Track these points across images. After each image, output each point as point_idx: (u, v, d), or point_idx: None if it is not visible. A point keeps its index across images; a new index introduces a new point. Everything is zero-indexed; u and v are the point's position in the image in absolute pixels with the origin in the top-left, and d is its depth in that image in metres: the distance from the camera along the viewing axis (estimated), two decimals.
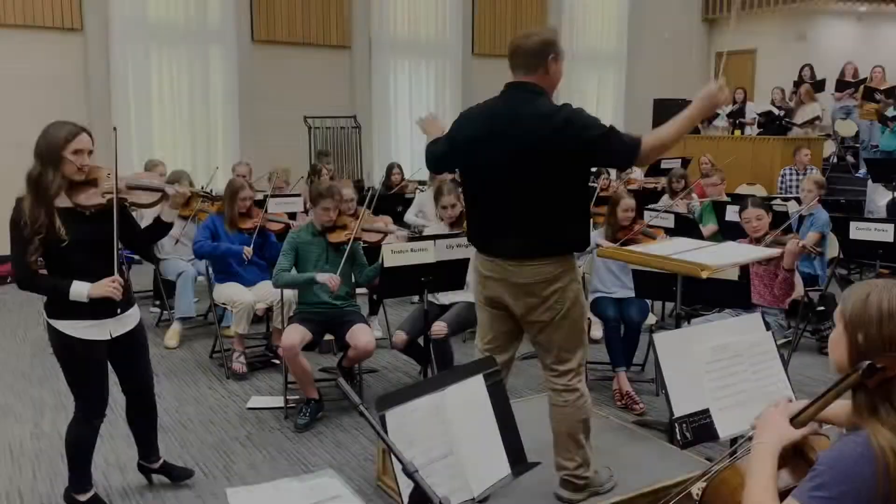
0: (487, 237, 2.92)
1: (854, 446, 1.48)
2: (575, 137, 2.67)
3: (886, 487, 1.43)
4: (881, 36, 13.30)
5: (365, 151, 10.46)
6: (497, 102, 2.88)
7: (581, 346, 2.95)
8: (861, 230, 4.89)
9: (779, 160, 9.66)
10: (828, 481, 1.46)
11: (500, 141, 2.78)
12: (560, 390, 2.94)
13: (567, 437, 2.95)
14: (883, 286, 1.57)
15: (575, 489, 2.99)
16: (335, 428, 4.11)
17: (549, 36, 2.82)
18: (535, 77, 2.80)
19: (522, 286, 2.83)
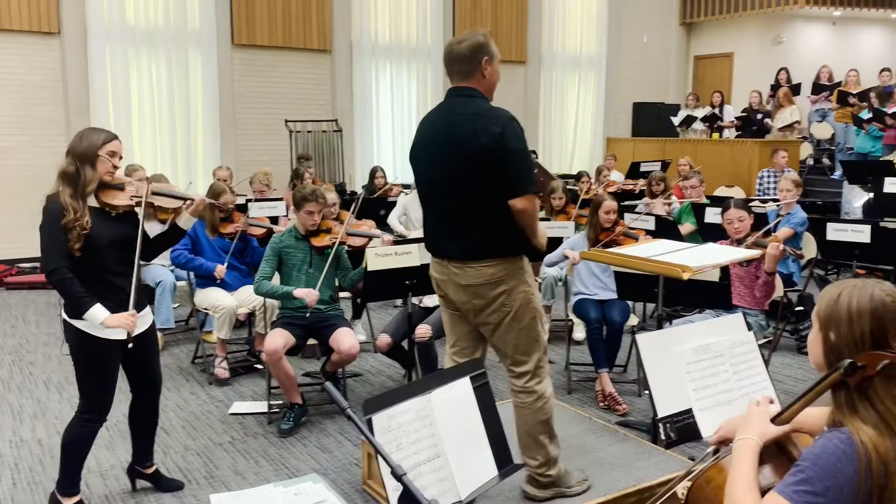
0: (435, 240, 2.98)
1: (837, 443, 1.50)
2: (499, 143, 2.71)
3: (868, 484, 1.46)
4: (855, 40, 13.52)
5: (347, 155, 10.45)
6: (439, 108, 2.95)
7: (535, 349, 2.95)
8: (838, 231, 4.97)
9: (757, 162, 9.78)
10: (812, 477, 1.48)
11: (438, 146, 2.87)
12: (518, 391, 2.98)
13: (527, 436, 2.99)
14: (853, 286, 1.61)
15: (539, 486, 3.03)
16: (319, 433, 4.10)
17: (480, 40, 2.84)
18: (471, 81, 2.85)
19: (467, 288, 2.87)
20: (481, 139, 2.73)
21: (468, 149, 2.76)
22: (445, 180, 2.86)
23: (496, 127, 2.73)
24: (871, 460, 1.46)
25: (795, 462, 1.55)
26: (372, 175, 8.24)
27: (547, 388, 3.00)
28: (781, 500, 1.49)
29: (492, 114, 2.78)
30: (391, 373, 5.06)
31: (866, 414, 1.52)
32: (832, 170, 10.59)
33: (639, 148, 11.89)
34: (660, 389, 2.41)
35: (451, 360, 3.10)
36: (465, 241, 2.84)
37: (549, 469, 3.01)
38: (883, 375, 1.53)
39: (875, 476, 1.46)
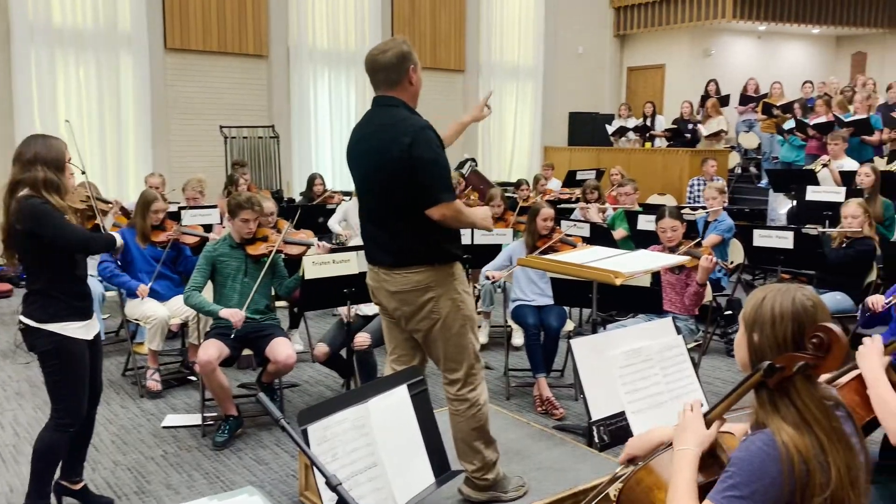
0: (367, 246, 3.02)
1: (761, 444, 1.55)
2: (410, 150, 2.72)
3: (792, 482, 1.52)
4: (779, 53, 14.11)
5: (284, 162, 10.32)
6: (364, 117, 2.98)
7: (466, 357, 2.95)
8: (763, 237, 5.15)
9: (687, 171, 10.08)
10: (739, 482, 1.53)
11: (361, 156, 2.92)
12: (451, 399, 3.00)
13: (462, 442, 3.02)
14: (777, 290, 1.68)
15: (476, 489, 3.06)
16: (255, 444, 4.03)
17: (404, 48, 2.84)
18: (396, 91, 2.86)
19: (396, 294, 2.90)
20: (392, 150, 2.75)
21: (382, 160, 2.79)
22: (370, 189, 2.92)
23: (405, 137, 2.73)
24: (794, 459, 1.51)
25: (725, 465, 1.60)
26: (310, 182, 8.15)
27: (480, 395, 3.01)
28: None
29: (403, 124, 2.78)
30: (329, 383, 5.01)
31: (787, 413, 1.58)
32: (759, 178, 10.99)
33: (575, 157, 12.11)
34: (594, 393, 2.46)
35: (391, 367, 3.10)
36: (393, 248, 2.87)
37: (487, 473, 3.03)
38: (802, 376, 1.59)
39: (797, 474, 1.51)
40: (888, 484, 2.30)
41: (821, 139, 8.23)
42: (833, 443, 1.55)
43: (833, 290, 4.94)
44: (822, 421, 1.57)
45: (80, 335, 3.02)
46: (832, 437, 1.56)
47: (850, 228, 5.02)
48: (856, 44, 14.27)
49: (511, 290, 5.04)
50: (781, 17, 12.40)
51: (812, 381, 1.61)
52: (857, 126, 8.17)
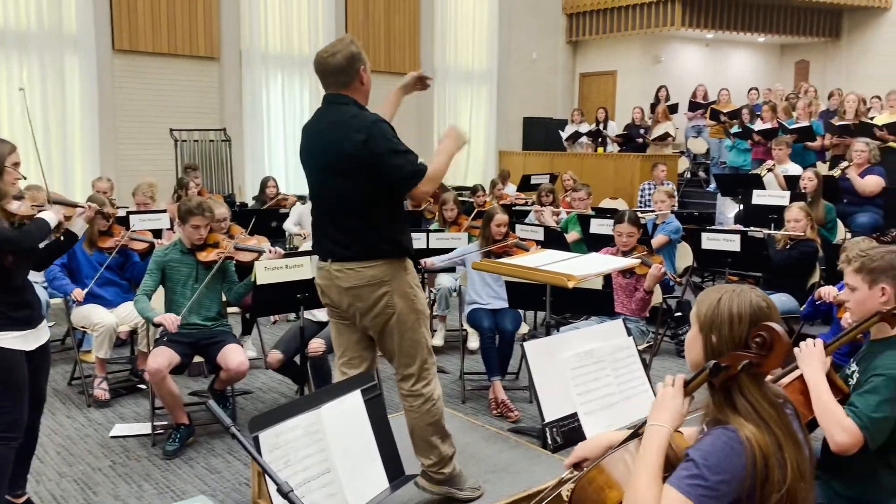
0: (318, 243, 3.02)
1: (726, 439, 1.58)
2: (364, 144, 2.75)
3: (752, 479, 1.55)
4: (726, 61, 14.47)
5: (236, 165, 10.18)
6: (314, 115, 3.00)
7: (420, 352, 2.98)
8: (711, 240, 5.27)
9: (638, 175, 10.26)
10: (704, 472, 1.55)
11: (313, 154, 2.94)
12: (405, 395, 3.02)
13: (418, 437, 3.03)
14: (732, 290, 1.71)
15: (432, 482, 3.08)
16: (207, 453, 3.96)
17: (353, 49, 2.86)
18: (349, 91, 2.89)
19: (349, 290, 2.89)
20: (345, 147, 2.78)
21: (336, 156, 2.81)
22: (323, 186, 2.92)
23: (359, 134, 2.76)
24: (756, 455, 1.55)
25: (673, 465, 1.63)
26: (263, 186, 8.05)
27: (434, 390, 3.04)
28: (677, 494, 1.55)
29: (355, 121, 2.80)
30: (283, 389, 4.95)
31: (745, 411, 1.61)
32: (707, 182, 11.24)
33: (529, 161, 12.22)
34: (546, 395, 2.49)
35: (340, 371, 3.08)
36: (346, 243, 2.87)
37: (443, 467, 3.06)
38: (747, 374, 1.63)
39: (758, 469, 1.55)
40: (829, 481, 2.37)
41: (766, 145, 8.47)
42: (787, 439, 1.60)
43: (778, 291, 5.08)
44: (775, 418, 1.61)
45: (17, 346, 2.91)
46: (786, 434, 1.60)
47: (794, 231, 5.17)
48: (799, 52, 14.72)
49: (466, 294, 5.06)
50: (728, 25, 12.72)
51: (759, 379, 1.65)
52: (800, 132, 8.43)
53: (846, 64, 13.80)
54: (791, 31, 13.31)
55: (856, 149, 6.86)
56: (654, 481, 1.60)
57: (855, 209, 6.79)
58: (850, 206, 6.82)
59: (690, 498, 1.53)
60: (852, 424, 2.17)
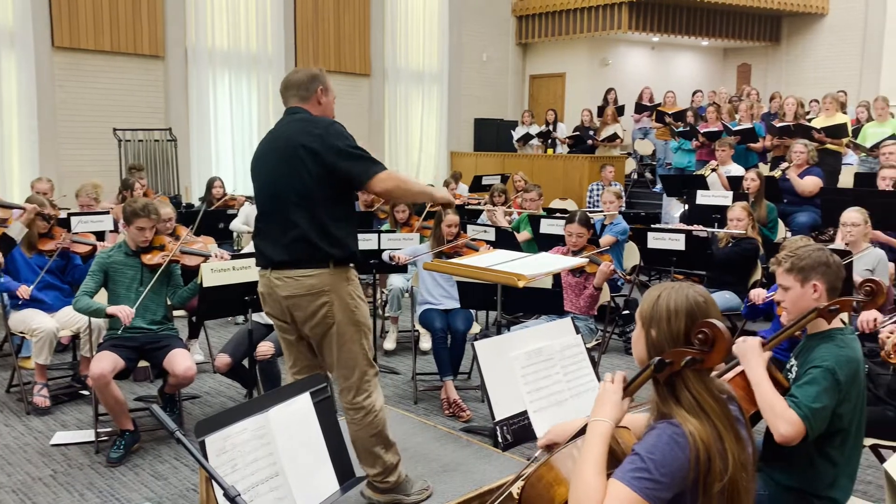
0: (259, 247, 2.98)
1: (671, 433, 1.62)
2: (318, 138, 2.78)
3: (696, 471, 1.59)
4: (672, 64, 14.78)
5: (182, 165, 9.98)
6: (275, 126, 3.03)
7: (359, 364, 2.94)
8: (657, 240, 5.37)
9: (587, 176, 10.40)
10: (649, 465, 1.58)
11: (265, 158, 2.95)
12: (346, 408, 3.00)
13: (361, 449, 3.02)
14: (671, 288, 1.76)
15: (378, 491, 3.07)
16: (153, 459, 3.87)
17: (316, 72, 3.00)
18: (307, 104, 2.97)
19: (287, 299, 2.87)
20: (300, 149, 2.79)
21: (291, 157, 2.81)
22: (272, 190, 2.89)
23: (316, 129, 2.81)
24: (699, 448, 1.59)
25: (619, 460, 1.66)
26: (209, 186, 7.91)
27: (375, 401, 3.00)
28: (623, 487, 1.58)
29: (310, 123, 2.86)
30: (232, 393, 4.88)
31: (688, 405, 1.66)
32: (653, 183, 11.47)
33: (480, 162, 12.29)
34: (497, 394, 2.50)
35: (294, 378, 3.05)
36: (287, 244, 2.84)
37: (388, 476, 3.04)
38: (691, 370, 1.67)
39: (702, 462, 1.59)
40: (771, 472, 2.43)
41: (710, 146, 8.68)
42: (728, 431, 1.64)
43: (722, 289, 5.21)
44: (717, 410, 1.65)
45: None
46: (727, 427, 1.65)
47: (736, 230, 5.32)
48: (741, 56, 15.13)
49: (418, 294, 5.06)
50: (673, 29, 13.01)
51: (702, 374, 1.69)
52: (743, 134, 8.66)
53: (786, 67, 14.25)
54: (733, 36, 13.68)
55: (795, 150, 7.07)
56: (597, 474, 1.63)
57: (795, 209, 7.01)
58: (790, 205, 7.04)
59: (635, 490, 1.56)
60: (794, 415, 2.24)
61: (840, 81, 12.55)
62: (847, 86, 12.33)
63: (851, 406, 2.33)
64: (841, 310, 2.42)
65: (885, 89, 12.59)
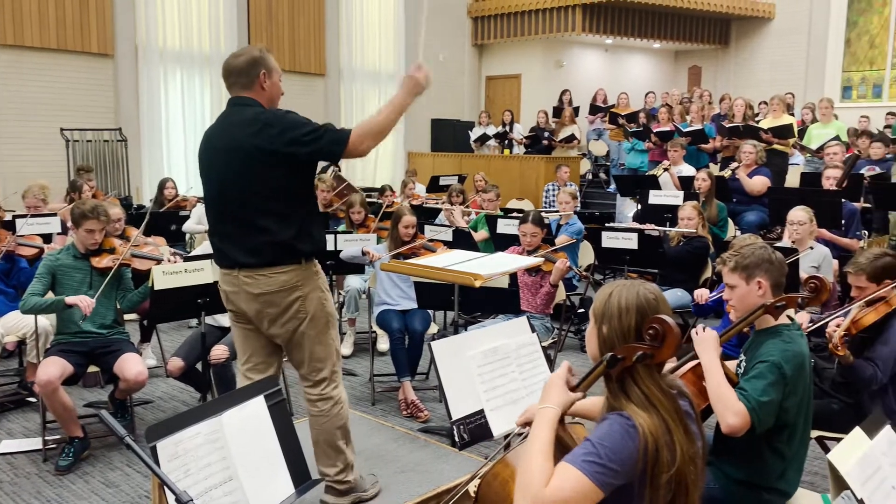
0: (221, 249, 2.91)
1: (622, 423, 1.66)
2: (276, 137, 2.72)
3: (644, 462, 1.63)
4: (625, 66, 15.01)
5: (133, 166, 9.78)
6: (218, 118, 2.95)
7: (330, 354, 2.99)
8: (611, 239, 5.45)
9: (543, 177, 10.50)
10: (600, 451, 1.62)
11: (218, 155, 2.85)
12: (315, 400, 2.99)
13: (325, 444, 3.01)
14: (623, 285, 1.80)
15: (338, 494, 3.06)
16: (104, 467, 3.78)
17: (256, 54, 2.87)
18: (251, 93, 2.87)
19: (260, 297, 2.84)
20: (260, 143, 2.73)
21: (248, 155, 2.75)
22: (231, 189, 2.82)
23: (273, 129, 2.73)
24: (647, 439, 1.63)
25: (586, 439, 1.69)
26: (161, 187, 7.77)
27: (342, 392, 3.05)
28: (572, 469, 1.61)
29: (264, 116, 2.78)
30: (185, 398, 4.79)
31: (638, 399, 1.69)
32: (608, 184, 11.63)
33: (438, 162, 12.30)
34: (453, 393, 2.51)
35: (245, 377, 3.02)
36: (256, 248, 2.80)
37: (348, 475, 3.05)
38: (642, 365, 1.71)
39: (650, 453, 1.63)
40: (721, 465, 2.49)
41: (662, 146, 8.83)
42: (676, 425, 1.68)
43: (674, 286, 5.31)
44: (665, 404, 1.69)
45: None
46: (675, 420, 1.69)
47: (687, 229, 5.42)
48: (692, 58, 15.44)
49: (375, 295, 5.04)
50: (626, 31, 13.21)
51: (653, 369, 1.73)
52: (694, 135, 8.84)
53: (735, 70, 14.59)
54: (684, 38, 13.96)
55: (744, 150, 7.24)
56: (544, 457, 1.66)
57: (744, 208, 7.18)
58: (739, 205, 7.20)
59: (586, 473, 1.60)
60: (742, 407, 2.30)
61: (786, 83, 12.92)
62: (793, 88, 12.69)
63: (798, 400, 2.40)
64: (787, 306, 2.49)
65: (828, 91, 13.02)
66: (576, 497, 1.59)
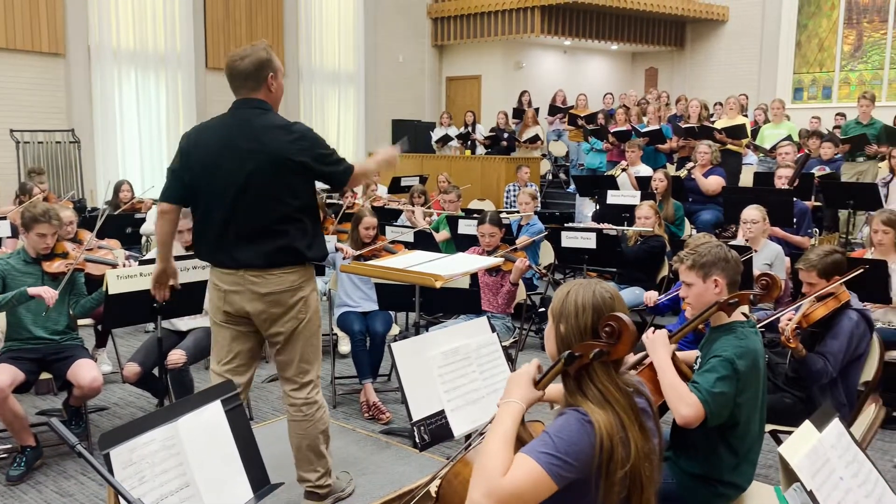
0: (227, 249, 2.88)
1: (579, 417, 1.68)
2: (308, 150, 2.82)
3: (600, 458, 1.65)
4: (583, 67, 15.18)
5: (87, 168, 9.57)
6: (228, 118, 2.90)
7: (317, 357, 3.05)
8: (570, 239, 5.51)
9: (504, 177, 10.55)
10: (556, 443, 1.64)
11: (237, 154, 2.81)
12: (300, 404, 3.00)
13: (308, 449, 3.01)
14: (580, 284, 1.82)
15: (318, 499, 3.06)
16: (57, 475, 3.69)
17: (263, 56, 2.86)
18: (259, 94, 2.88)
19: (267, 296, 2.86)
20: (294, 152, 2.79)
21: (279, 161, 2.78)
22: (253, 190, 2.80)
23: (305, 141, 2.82)
24: (603, 436, 1.65)
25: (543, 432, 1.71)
26: (116, 189, 7.61)
27: (322, 396, 3.10)
28: (529, 460, 1.63)
29: (297, 127, 2.85)
30: (143, 404, 4.70)
31: (593, 396, 1.72)
32: (567, 184, 11.74)
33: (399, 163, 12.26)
34: (414, 394, 2.51)
35: (223, 377, 2.98)
36: (268, 249, 2.83)
37: (328, 478, 3.07)
38: (599, 362, 1.73)
39: (605, 449, 1.65)
40: (677, 460, 2.54)
41: (620, 147, 8.95)
42: (632, 422, 1.71)
43: (632, 285, 5.38)
44: (620, 401, 1.72)
45: None
46: (631, 417, 1.71)
47: (644, 228, 5.50)
48: (648, 60, 15.68)
49: (336, 297, 5.01)
50: (584, 33, 13.36)
51: (609, 367, 1.75)
52: (651, 136, 8.97)
53: (690, 71, 14.86)
54: (640, 40, 14.17)
55: (699, 151, 7.38)
56: (504, 447, 1.67)
57: (699, 207, 7.31)
58: (694, 204, 7.34)
59: (541, 465, 1.62)
60: (695, 399, 2.35)
61: (740, 85, 13.21)
62: (746, 89, 12.98)
63: (751, 396, 2.45)
64: (740, 303, 2.54)
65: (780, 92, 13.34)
66: (530, 488, 1.61)
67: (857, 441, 1.99)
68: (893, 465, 3.81)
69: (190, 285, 3.77)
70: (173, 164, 2.95)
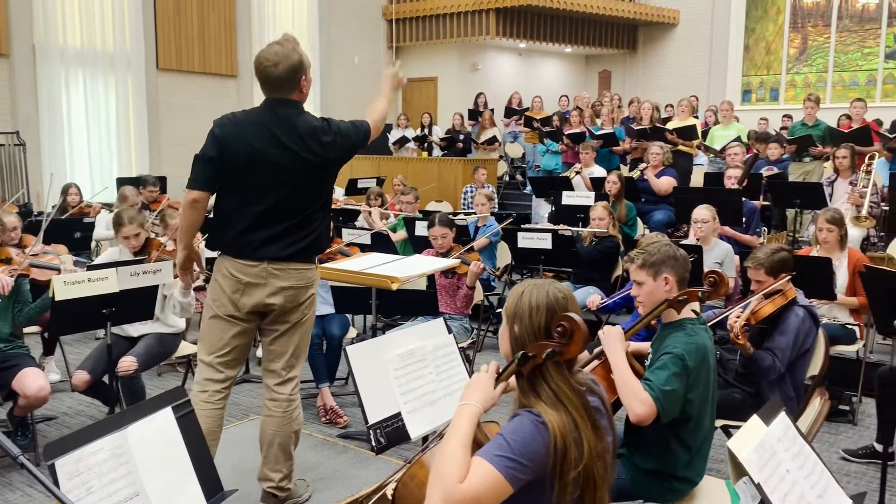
0: (256, 242, 2.90)
1: (532, 419, 1.69)
2: (341, 145, 2.99)
3: (553, 458, 1.67)
4: (538, 69, 15.32)
5: (32, 171, 9.29)
6: (266, 115, 2.91)
7: (305, 354, 3.13)
8: (527, 239, 5.54)
9: (461, 179, 10.58)
10: (511, 445, 1.65)
11: (280, 152, 2.86)
12: (282, 400, 3.02)
13: (279, 448, 3.02)
14: (534, 284, 1.84)
15: (277, 501, 3.04)
16: (3, 488, 3.58)
17: (296, 60, 2.88)
18: (293, 96, 2.95)
19: (286, 290, 2.93)
20: (335, 151, 2.95)
21: (316, 163, 2.90)
22: (285, 187, 2.88)
23: (340, 137, 2.98)
24: (556, 436, 1.67)
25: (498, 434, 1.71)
26: (64, 192, 7.41)
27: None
28: (485, 463, 1.64)
29: (329, 127, 2.98)
30: (93, 412, 4.59)
31: (545, 396, 1.73)
32: (524, 185, 11.83)
33: (356, 165, 12.17)
34: (370, 397, 2.50)
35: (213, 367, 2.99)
36: (303, 243, 2.94)
37: (290, 481, 3.07)
38: (552, 362, 1.74)
39: (559, 450, 1.67)
40: (631, 457, 2.57)
41: (574, 149, 9.05)
42: (584, 421, 1.72)
43: (587, 285, 5.44)
44: (573, 400, 1.74)
45: None
46: (583, 417, 1.73)
47: (598, 228, 5.58)
48: (602, 63, 15.89)
49: None
50: (538, 36, 13.48)
51: (562, 366, 1.77)
52: (605, 138, 9.09)
53: (642, 74, 15.12)
54: (593, 43, 14.35)
55: (652, 152, 7.50)
56: (462, 450, 1.68)
57: (652, 207, 7.43)
58: (647, 204, 7.46)
59: (497, 467, 1.63)
60: (648, 396, 2.38)
61: (691, 87, 13.47)
62: (697, 91, 13.25)
63: (701, 391, 2.50)
64: (689, 300, 2.59)
65: (729, 94, 13.65)
66: (486, 492, 1.62)
67: (803, 434, 2.04)
68: (839, 456, 3.92)
69: (140, 291, 3.69)
70: (207, 151, 2.89)
